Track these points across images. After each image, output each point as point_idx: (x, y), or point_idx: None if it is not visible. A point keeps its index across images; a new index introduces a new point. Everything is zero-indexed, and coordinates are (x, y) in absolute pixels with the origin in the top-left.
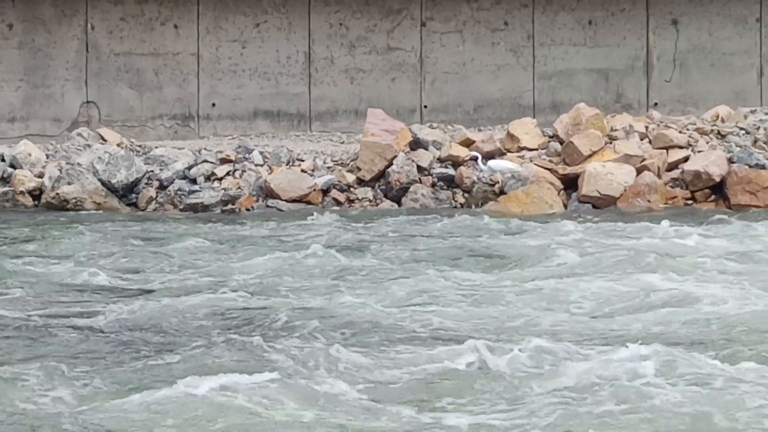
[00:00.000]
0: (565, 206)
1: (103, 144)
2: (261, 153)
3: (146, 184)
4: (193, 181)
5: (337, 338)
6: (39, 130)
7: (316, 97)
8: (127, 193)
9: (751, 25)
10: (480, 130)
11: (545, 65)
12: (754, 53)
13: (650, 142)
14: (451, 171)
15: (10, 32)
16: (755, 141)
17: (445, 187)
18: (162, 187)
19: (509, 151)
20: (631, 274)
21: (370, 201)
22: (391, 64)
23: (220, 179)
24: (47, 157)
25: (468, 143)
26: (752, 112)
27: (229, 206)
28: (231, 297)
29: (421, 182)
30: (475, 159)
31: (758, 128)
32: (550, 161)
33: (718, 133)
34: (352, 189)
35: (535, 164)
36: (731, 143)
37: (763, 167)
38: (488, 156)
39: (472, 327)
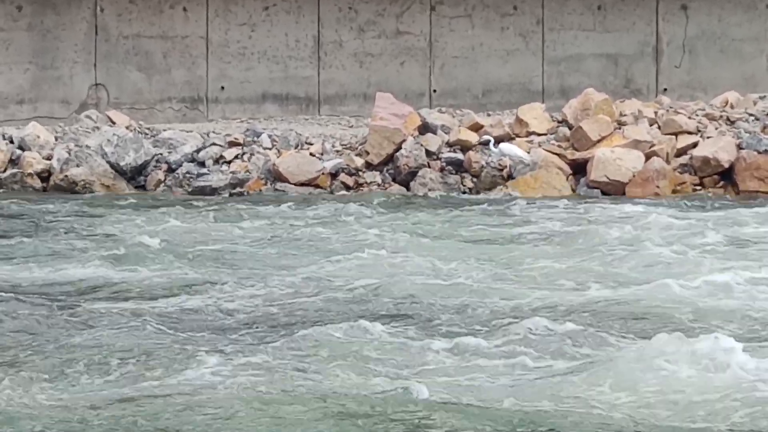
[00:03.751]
0: (574, 191)
1: (111, 126)
2: (269, 136)
3: (154, 167)
4: (202, 164)
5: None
6: (47, 113)
7: (324, 81)
8: (135, 175)
9: (761, 11)
10: (489, 115)
11: (554, 50)
12: (764, 39)
13: (659, 127)
14: (459, 155)
15: (19, 14)
16: (764, 127)
17: (453, 172)
18: (170, 170)
19: (518, 136)
20: None
21: (379, 185)
22: (400, 48)
23: (229, 162)
24: (56, 140)
25: (477, 128)
26: (761, 98)
27: (237, 189)
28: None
29: (429, 166)
30: (487, 143)
31: (767, 114)
32: (559, 146)
33: (727, 119)
34: (360, 173)
35: (544, 149)
36: (740, 129)
37: None
38: (497, 141)
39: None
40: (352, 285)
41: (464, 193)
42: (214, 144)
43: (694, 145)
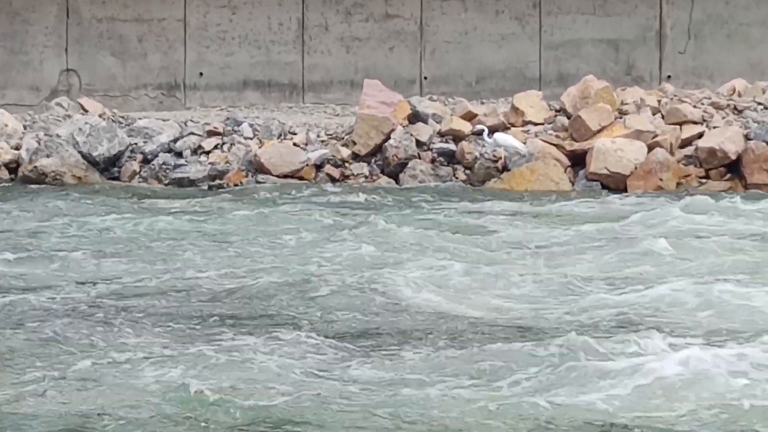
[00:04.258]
0: (572, 184)
1: (83, 115)
2: (251, 125)
3: (129, 157)
4: (179, 155)
5: None
6: (16, 99)
7: (309, 67)
8: (108, 166)
9: None
10: (482, 103)
11: (552, 35)
12: None
13: (662, 117)
14: (451, 146)
15: None
16: None
17: (445, 163)
18: (146, 161)
19: (513, 126)
20: None
21: (366, 177)
22: (389, 32)
23: (208, 153)
24: (25, 128)
25: (470, 117)
26: None
27: (217, 181)
28: None
29: (419, 158)
30: (481, 132)
31: None
32: (557, 136)
33: (735, 107)
34: (346, 164)
35: (541, 139)
36: (748, 119)
37: None
38: (491, 131)
39: None
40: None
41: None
42: (192, 133)
43: (700, 135)
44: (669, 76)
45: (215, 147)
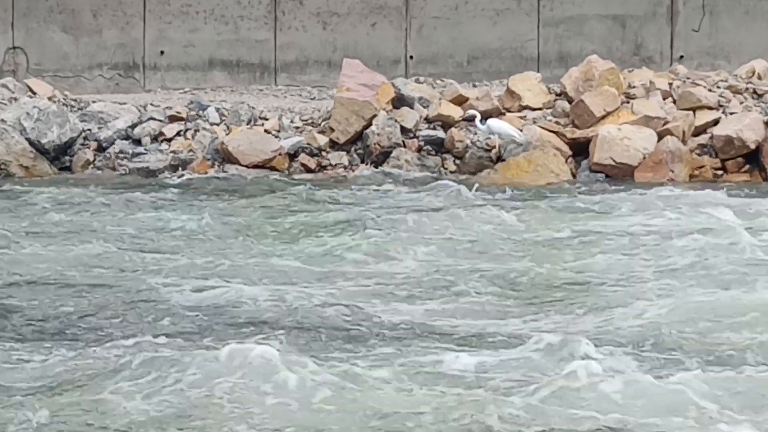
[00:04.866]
0: (574, 176)
1: (31, 97)
2: (217, 110)
3: (82, 145)
4: (138, 142)
5: None
6: None
7: (282, 45)
8: (59, 155)
9: None
10: (475, 86)
11: (552, 10)
12: None
13: (674, 101)
14: (440, 133)
15: None
16: None
17: (433, 152)
18: (100, 149)
19: (509, 111)
20: None
21: (345, 167)
22: (371, 6)
23: (169, 140)
24: None
25: (460, 101)
26: None
27: (179, 172)
28: None
29: (404, 146)
30: (473, 118)
31: None
32: (557, 123)
33: (754, 91)
34: (323, 153)
35: (539, 126)
36: None
37: None
38: (484, 117)
39: None
40: None
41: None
42: (152, 118)
43: (715, 122)
44: (681, 57)
45: (178, 134)
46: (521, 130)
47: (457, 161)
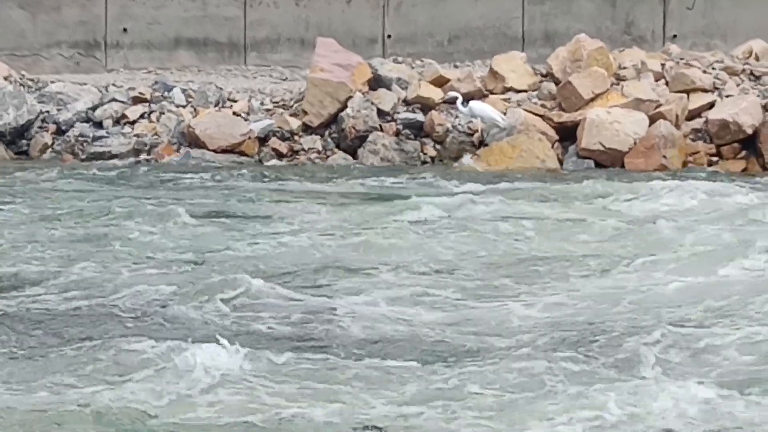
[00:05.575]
0: (560, 162)
1: None
2: (183, 91)
3: (40, 128)
4: (99, 125)
5: None
6: None
7: (252, 22)
8: (15, 139)
9: None
10: (456, 67)
11: None
12: None
13: (667, 83)
14: (419, 116)
15: None
16: None
17: (411, 137)
18: (60, 132)
19: (492, 93)
20: None
21: (319, 152)
22: None
23: (132, 123)
24: None
25: (441, 82)
26: None
27: (143, 156)
28: None
29: (382, 130)
30: (454, 101)
31: None
32: (543, 106)
33: (751, 73)
34: (296, 137)
35: (524, 109)
36: (767, 86)
37: None
38: (466, 99)
39: None
40: None
41: (424, 163)
42: (114, 100)
43: (710, 105)
44: (674, 36)
45: (141, 116)
46: (505, 113)
47: (437, 146)
